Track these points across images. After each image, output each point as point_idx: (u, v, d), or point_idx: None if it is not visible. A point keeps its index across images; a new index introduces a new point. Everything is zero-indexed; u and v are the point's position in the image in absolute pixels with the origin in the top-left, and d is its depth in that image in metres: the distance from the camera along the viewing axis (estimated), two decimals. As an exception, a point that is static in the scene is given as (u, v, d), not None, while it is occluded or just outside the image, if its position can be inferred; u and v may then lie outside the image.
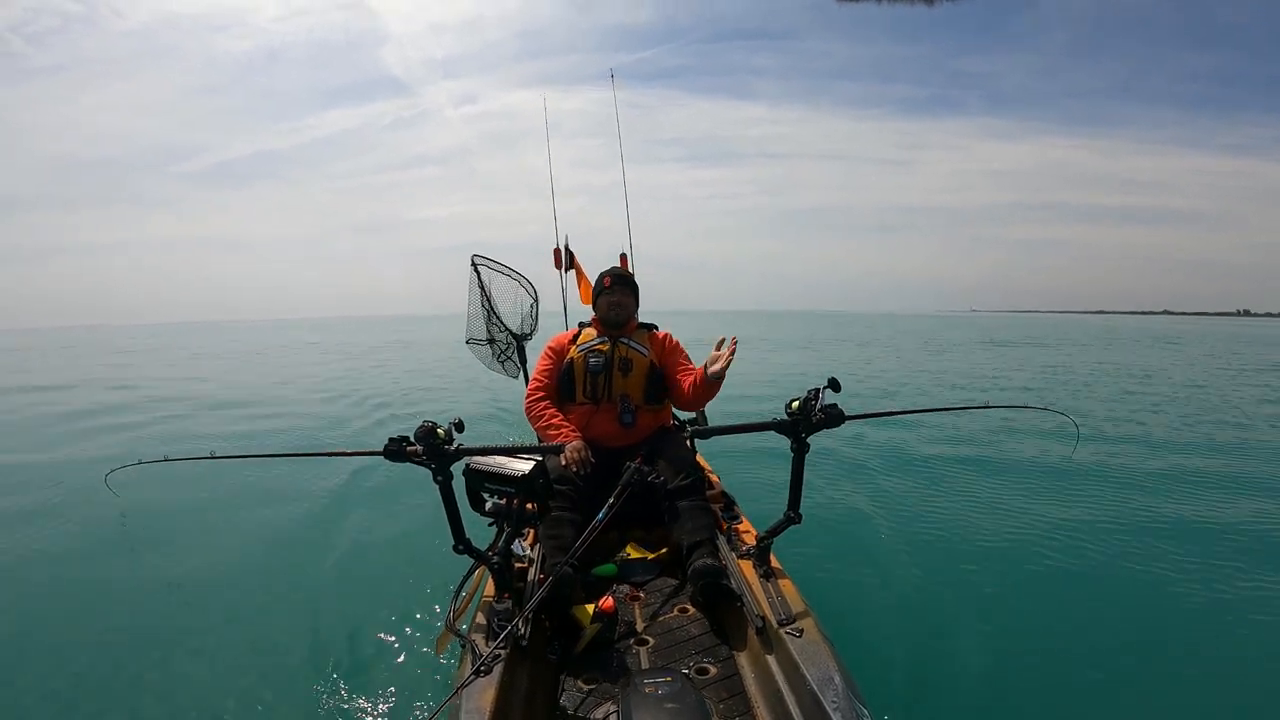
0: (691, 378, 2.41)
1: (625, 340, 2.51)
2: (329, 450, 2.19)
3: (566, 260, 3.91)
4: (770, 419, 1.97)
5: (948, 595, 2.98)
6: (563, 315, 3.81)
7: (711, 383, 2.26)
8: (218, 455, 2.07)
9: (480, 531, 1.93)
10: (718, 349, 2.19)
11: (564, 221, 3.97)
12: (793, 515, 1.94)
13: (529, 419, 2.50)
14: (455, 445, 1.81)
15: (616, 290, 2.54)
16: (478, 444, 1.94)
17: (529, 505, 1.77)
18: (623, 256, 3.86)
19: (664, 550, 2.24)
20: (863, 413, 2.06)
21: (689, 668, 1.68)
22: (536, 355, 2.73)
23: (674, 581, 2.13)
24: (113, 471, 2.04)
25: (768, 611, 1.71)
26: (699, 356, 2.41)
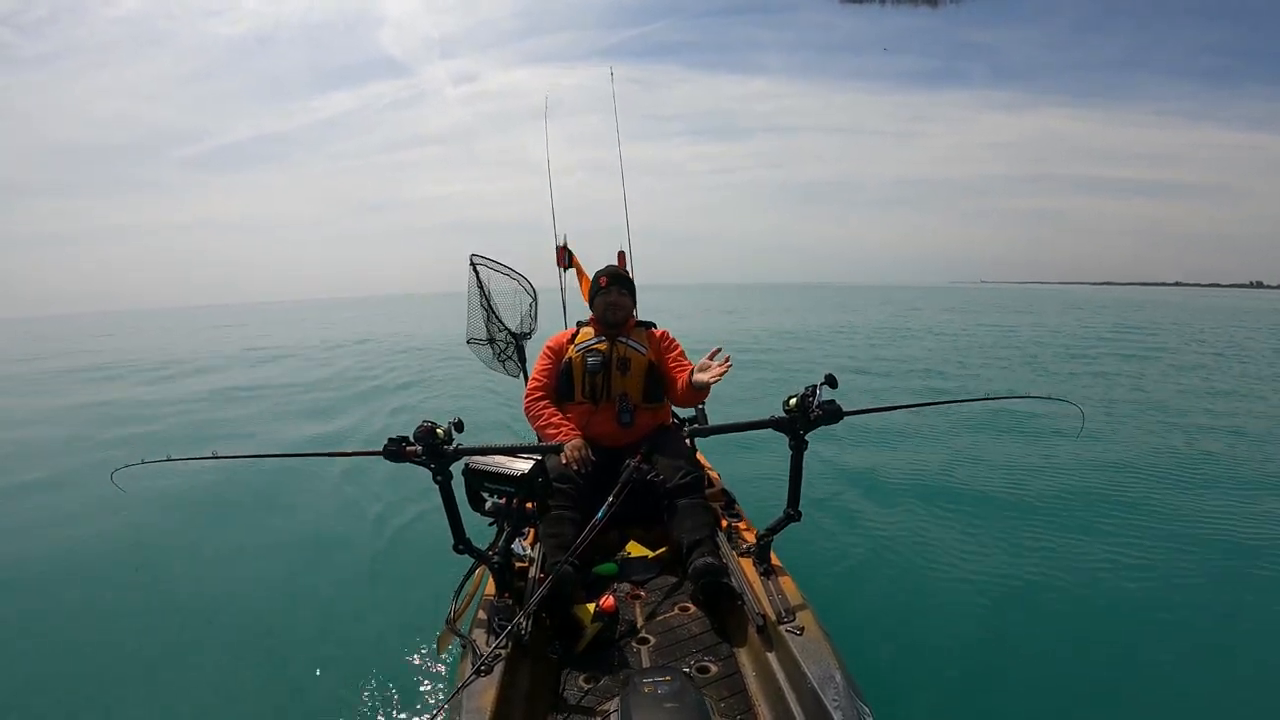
0: (686, 375, 2.39)
1: (623, 339, 2.51)
2: (329, 450, 2.19)
3: (566, 259, 3.90)
4: (769, 416, 1.97)
5: (949, 592, 2.98)
6: (561, 313, 3.80)
7: (698, 390, 2.25)
8: (220, 455, 2.07)
9: (480, 531, 1.93)
10: (711, 358, 2.18)
11: (563, 196, 3.96)
12: (792, 513, 1.94)
13: (528, 419, 2.50)
14: (454, 445, 1.80)
15: (613, 290, 2.54)
16: (477, 443, 1.94)
17: (529, 504, 1.77)
18: (620, 255, 3.85)
19: (664, 549, 2.24)
20: (861, 408, 2.06)
21: (690, 666, 1.69)
22: (537, 354, 2.72)
23: (674, 580, 2.13)
24: (117, 470, 2.05)
25: (768, 609, 1.71)
26: (697, 356, 2.40)
